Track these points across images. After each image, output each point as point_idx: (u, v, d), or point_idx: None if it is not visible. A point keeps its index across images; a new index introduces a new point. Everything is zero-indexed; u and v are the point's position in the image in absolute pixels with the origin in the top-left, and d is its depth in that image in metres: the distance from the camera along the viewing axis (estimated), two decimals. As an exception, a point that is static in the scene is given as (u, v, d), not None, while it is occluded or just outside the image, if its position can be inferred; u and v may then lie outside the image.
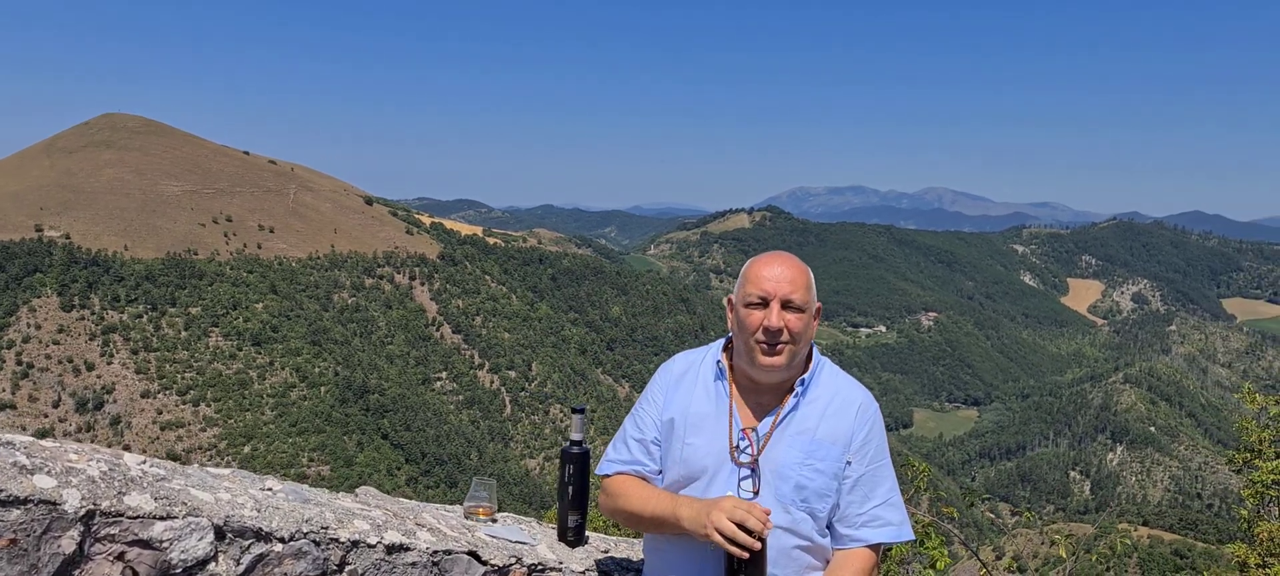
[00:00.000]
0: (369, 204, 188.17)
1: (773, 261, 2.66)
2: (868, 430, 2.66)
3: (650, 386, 2.88)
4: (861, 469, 2.62)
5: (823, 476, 2.58)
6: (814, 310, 2.68)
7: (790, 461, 2.58)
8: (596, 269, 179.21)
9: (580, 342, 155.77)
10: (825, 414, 2.64)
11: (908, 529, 2.68)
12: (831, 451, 2.60)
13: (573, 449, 3.11)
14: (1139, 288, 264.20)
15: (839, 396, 2.68)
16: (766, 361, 2.58)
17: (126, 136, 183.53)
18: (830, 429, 2.62)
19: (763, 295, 2.60)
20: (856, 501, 2.62)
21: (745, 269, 2.73)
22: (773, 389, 2.66)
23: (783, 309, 2.58)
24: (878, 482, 2.64)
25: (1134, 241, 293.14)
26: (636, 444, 2.79)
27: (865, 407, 2.69)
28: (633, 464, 2.79)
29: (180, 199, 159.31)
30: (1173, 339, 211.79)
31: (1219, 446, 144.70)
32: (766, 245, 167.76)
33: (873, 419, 2.69)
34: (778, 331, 2.56)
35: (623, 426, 2.89)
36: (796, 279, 2.62)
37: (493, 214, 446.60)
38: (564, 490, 3.16)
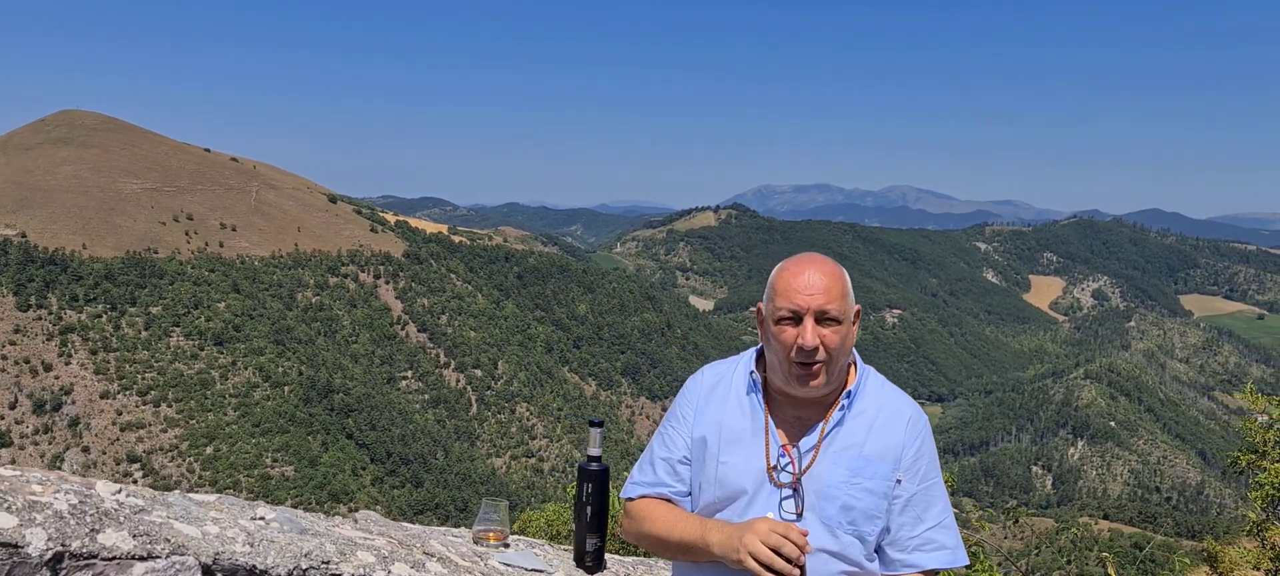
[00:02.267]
0: (333, 202, 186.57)
1: (803, 268, 2.37)
2: (919, 445, 2.42)
3: (678, 401, 2.60)
4: (913, 487, 2.39)
5: (871, 496, 2.34)
6: (852, 316, 2.40)
7: (836, 480, 2.34)
8: (563, 267, 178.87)
9: (546, 341, 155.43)
10: (873, 428, 2.40)
11: (963, 553, 2.44)
12: (880, 469, 2.36)
13: (591, 465, 2.83)
14: (1099, 284, 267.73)
15: (886, 409, 2.44)
16: (804, 389, 2.34)
17: (84, 133, 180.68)
18: (878, 444, 2.38)
19: (794, 309, 2.32)
20: (908, 523, 2.39)
21: (773, 278, 2.42)
22: (814, 402, 2.42)
23: (818, 323, 2.31)
24: (931, 503, 2.41)
25: (1094, 239, 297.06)
26: (663, 464, 2.53)
27: (915, 420, 2.45)
28: (658, 485, 2.53)
29: (140, 197, 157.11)
30: (1132, 335, 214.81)
31: (1177, 441, 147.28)
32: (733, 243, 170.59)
33: (923, 433, 2.46)
34: (813, 351, 2.30)
35: (649, 445, 2.63)
36: (831, 287, 2.33)
37: (458, 212, 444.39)
38: (582, 511, 2.87)
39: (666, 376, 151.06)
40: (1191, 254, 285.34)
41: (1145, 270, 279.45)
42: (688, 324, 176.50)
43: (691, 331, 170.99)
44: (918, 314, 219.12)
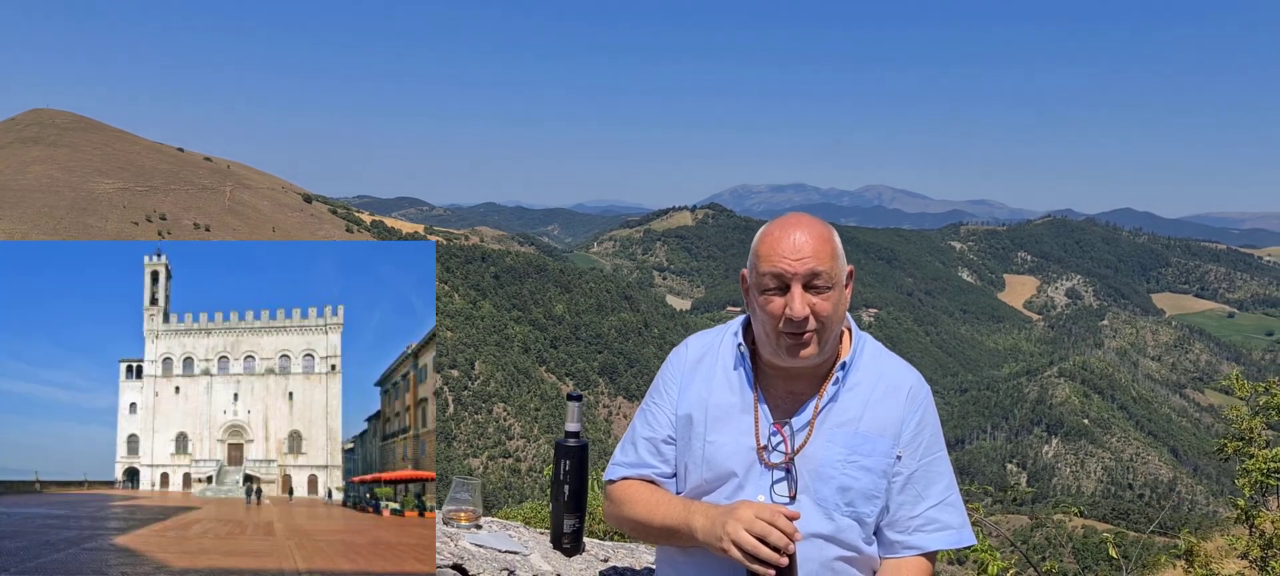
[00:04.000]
0: (308, 202, 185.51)
1: (788, 230, 2.18)
2: (919, 417, 2.24)
3: (660, 377, 2.45)
4: (913, 464, 2.22)
5: (870, 475, 2.18)
6: (845, 279, 2.23)
7: (831, 459, 2.18)
8: (540, 267, 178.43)
9: (524, 341, 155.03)
10: (870, 401, 2.23)
11: (969, 532, 2.28)
12: (879, 445, 2.20)
13: (568, 441, 2.67)
14: (1073, 283, 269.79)
15: (885, 379, 2.26)
16: (795, 360, 2.17)
17: (55, 133, 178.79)
18: (877, 419, 2.21)
19: (780, 276, 2.14)
20: (908, 502, 2.22)
21: (756, 242, 2.24)
22: (806, 375, 2.24)
23: (806, 290, 2.13)
24: (933, 480, 2.24)
25: (1068, 238, 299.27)
26: (646, 443, 2.38)
27: (916, 391, 2.27)
28: (640, 466, 2.38)
29: (112, 197, 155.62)
30: (1105, 333, 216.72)
31: (1150, 438, 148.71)
32: (710, 243, 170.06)
33: (925, 404, 2.27)
34: (803, 321, 2.12)
35: (631, 425, 2.48)
36: (820, 249, 2.14)
37: (434, 212, 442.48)
38: (559, 490, 2.70)
39: (643, 376, 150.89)
40: (1163, 253, 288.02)
41: (1118, 269, 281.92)
42: (665, 323, 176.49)
43: (668, 331, 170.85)
44: (893, 313, 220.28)
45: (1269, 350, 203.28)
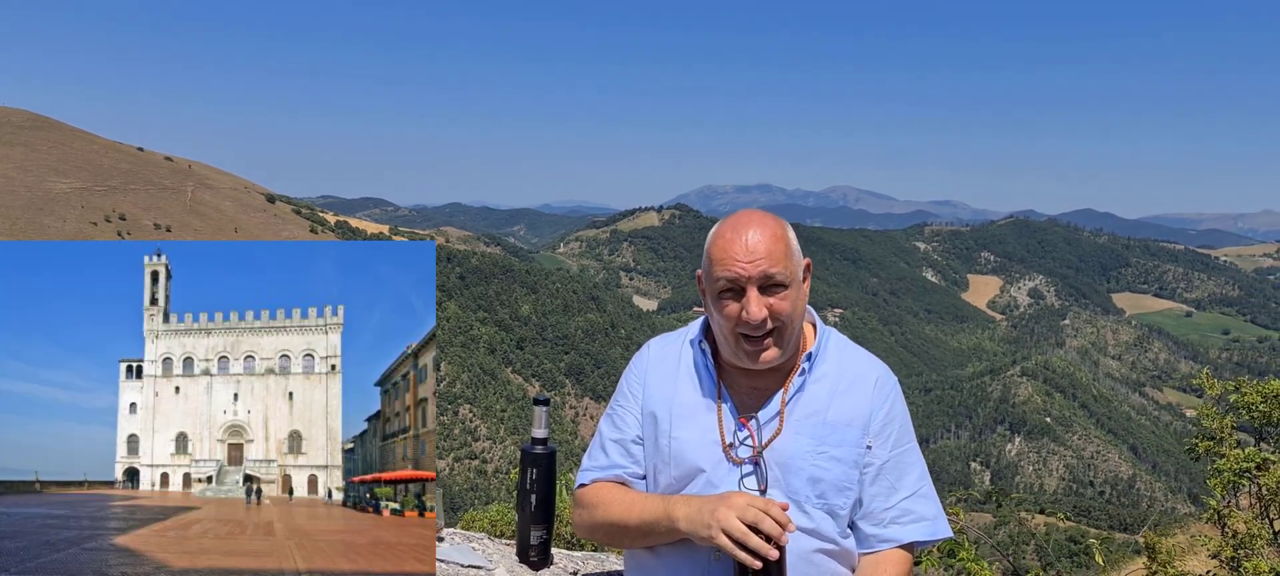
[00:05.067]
0: (271, 201, 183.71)
1: (739, 231, 2.11)
2: (888, 407, 2.21)
3: (625, 379, 2.41)
4: (884, 454, 2.18)
5: (840, 465, 2.13)
6: (801, 273, 2.18)
7: (799, 451, 2.13)
8: (506, 267, 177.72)
9: (490, 342, 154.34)
10: (836, 392, 2.19)
11: (944, 524, 2.23)
12: (847, 435, 2.15)
13: (535, 448, 2.52)
14: (1035, 283, 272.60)
15: (851, 370, 2.24)
16: (756, 364, 2.13)
17: (10, 132, 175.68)
18: (844, 409, 2.18)
19: (733, 279, 2.08)
20: (881, 493, 2.18)
21: (708, 244, 2.18)
22: (770, 371, 2.20)
23: (763, 292, 2.08)
24: (905, 470, 2.20)
25: (1030, 238, 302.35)
26: (615, 445, 2.32)
27: (883, 381, 2.25)
28: (611, 468, 2.30)
29: (69, 197, 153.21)
30: (1067, 333, 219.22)
31: (1110, 436, 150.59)
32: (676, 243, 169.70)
33: (893, 394, 2.25)
34: (760, 324, 2.08)
35: (597, 431, 2.41)
36: (774, 248, 2.09)
37: (400, 212, 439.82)
38: (525, 500, 2.53)
39: (610, 377, 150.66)
40: (1123, 253, 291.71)
41: (1079, 269, 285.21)
42: (632, 324, 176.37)
43: (635, 331, 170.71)
44: (858, 313, 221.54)
45: (1225, 349, 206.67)
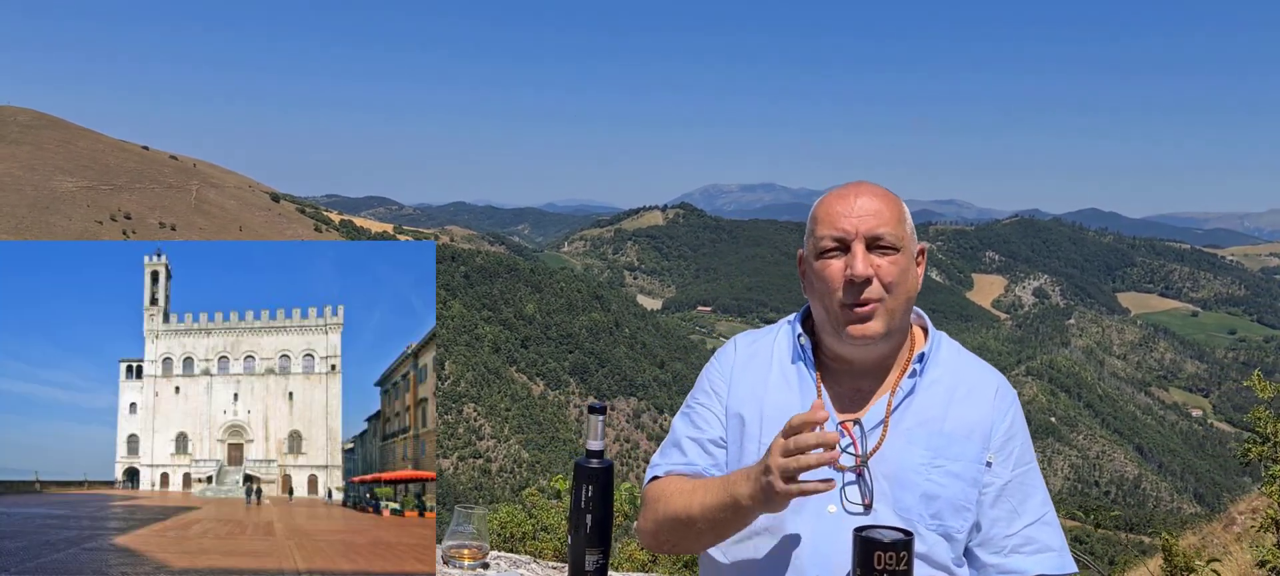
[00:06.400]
0: (276, 200, 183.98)
1: (849, 192, 1.96)
2: (1010, 420, 1.97)
3: (706, 375, 2.15)
4: (1006, 472, 1.93)
5: (958, 482, 1.88)
6: (916, 252, 2.00)
7: (912, 463, 1.88)
8: (510, 266, 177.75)
9: (494, 341, 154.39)
10: (953, 399, 1.95)
11: (1069, 557, 1.98)
12: (966, 448, 1.91)
13: (590, 462, 2.11)
14: (1040, 283, 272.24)
15: (968, 376, 2.00)
16: (858, 330, 1.90)
17: (17, 131, 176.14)
18: (962, 419, 1.93)
19: (840, 235, 1.91)
20: (1003, 518, 1.92)
21: (814, 208, 2.01)
22: (873, 368, 1.98)
23: (869, 250, 1.89)
24: (1028, 493, 1.95)
25: (1035, 238, 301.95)
26: (692, 443, 2.07)
27: (1003, 391, 1.99)
28: (687, 465, 2.06)
29: (75, 195, 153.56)
30: (1072, 332, 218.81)
31: (1116, 436, 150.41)
32: (680, 242, 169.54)
33: (1014, 406, 2.00)
34: (865, 283, 1.88)
35: (671, 430, 2.16)
36: (883, 210, 1.92)
37: (404, 211, 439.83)
38: (580, 519, 2.15)
39: (615, 375, 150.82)
40: (1128, 253, 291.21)
41: (1084, 268, 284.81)
42: (636, 323, 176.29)
43: (639, 331, 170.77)
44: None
45: (1232, 348, 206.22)
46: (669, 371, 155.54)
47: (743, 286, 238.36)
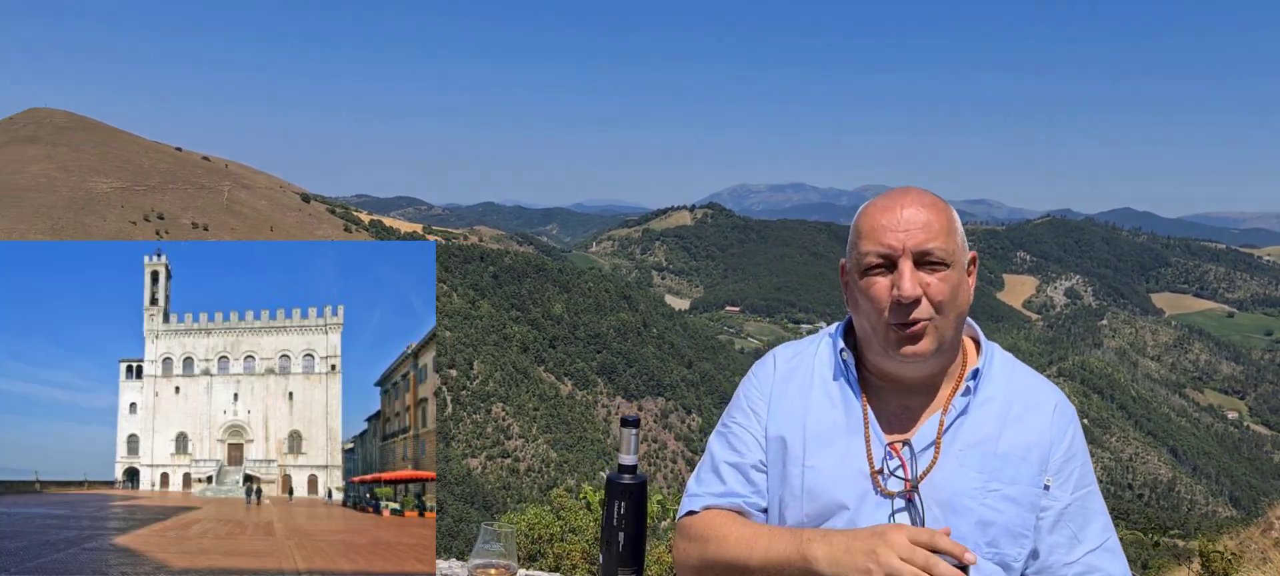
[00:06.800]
0: (306, 201, 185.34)
1: (895, 202, 1.82)
2: (1069, 441, 1.84)
3: (742, 393, 2.02)
4: (1066, 496, 1.81)
5: (1015, 507, 1.77)
6: (967, 263, 1.88)
7: (966, 487, 1.77)
8: (538, 266, 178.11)
9: (522, 340, 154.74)
10: (1008, 418, 1.83)
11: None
12: (1023, 471, 1.79)
13: (623, 477, 2.01)
14: (1072, 283, 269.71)
15: (1024, 393, 1.87)
16: (908, 350, 1.78)
17: (53, 132, 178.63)
18: (1017, 439, 1.81)
19: (885, 252, 1.78)
20: (1062, 545, 1.81)
21: (857, 219, 1.88)
22: (922, 385, 1.87)
23: (917, 267, 1.77)
24: (1089, 518, 1.83)
25: (1067, 238, 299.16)
26: (731, 470, 1.93)
27: (1062, 409, 1.88)
28: (728, 495, 1.92)
29: (110, 196, 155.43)
30: (1104, 333, 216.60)
31: (1149, 438, 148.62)
32: (709, 242, 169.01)
33: (1073, 425, 1.88)
34: (913, 303, 1.75)
35: (707, 452, 2.02)
36: (933, 222, 1.78)
37: (433, 211, 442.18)
38: (612, 537, 2.04)
39: (642, 375, 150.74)
40: (1162, 253, 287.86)
41: (1117, 269, 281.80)
42: (664, 323, 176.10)
43: (667, 331, 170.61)
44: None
45: (1268, 350, 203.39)
46: (697, 371, 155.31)
47: (771, 286, 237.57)
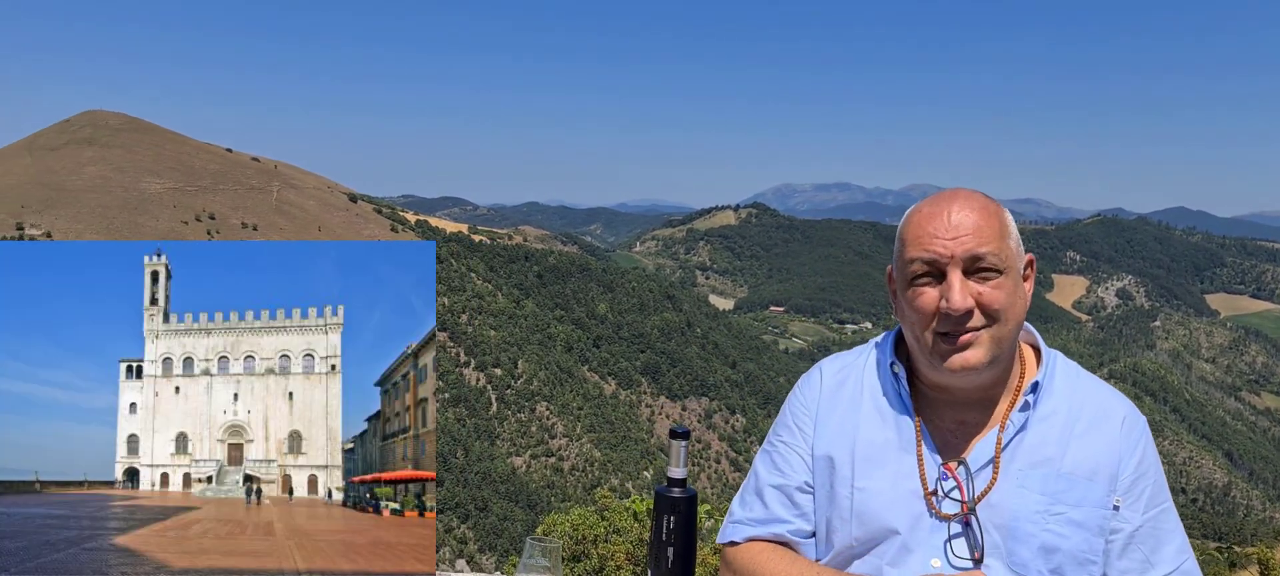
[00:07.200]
0: (354, 201, 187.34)
1: (941, 207, 1.69)
2: (1140, 456, 1.70)
3: (787, 410, 1.92)
4: (1136, 517, 1.67)
5: (1081, 531, 1.64)
6: (1022, 266, 1.72)
7: (1027, 510, 1.64)
8: (582, 266, 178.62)
9: (566, 340, 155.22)
10: (1073, 434, 1.69)
11: None
12: (1089, 492, 1.66)
13: (672, 491, 1.89)
14: (1124, 283, 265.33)
15: (1089, 405, 1.73)
16: (958, 361, 1.65)
17: (108, 134, 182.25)
18: (1083, 457, 1.67)
19: (931, 259, 1.66)
20: (1133, 570, 1.68)
21: (901, 226, 1.76)
22: (978, 399, 1.74)
23: (969, 276, 1.64)
24: (1163, 539, 1.70)
25: (1119, 237, 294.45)
26: (775, 493, 1.85)
27: (1131, 421, 1.73)
28: (770, 522, 1.84)
29: (162, 196, 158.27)
30: (1157, 334, 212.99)
31: (1203, 442, 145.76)
32: (753, 242, 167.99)
33: (1144, 439, 1.73)
34: (965, 315, 1.63)
35: (752, 471, 1.93)
36: (984, 225, 1.65)
37: (478, 211, 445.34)
38: (661, 553, 1.93)
39: (686, 375, 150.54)
40: (1218, 252, 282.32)
41: (1170, 269, 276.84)
42: (707, 323, 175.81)
43: (711, 331, 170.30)
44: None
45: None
46: (741, 372, 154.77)
47: (816, 287, 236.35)
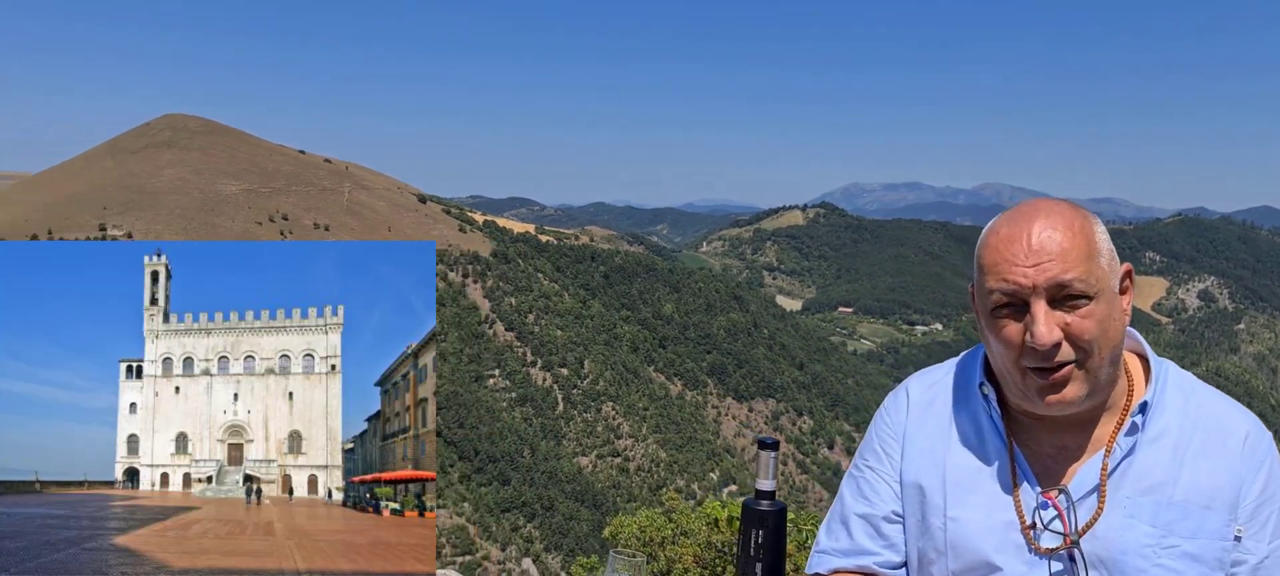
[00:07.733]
0: (422, 202, 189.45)
1: (1020, 228, 1.53)
2: (1265, 477, 1.55)
3: (873, 433, 1.83)
4: (1263, 548, 1.52)
5: (1198, 565, 1.51)
6: (1117, 280, 1.56)
7: (1136, 543, 1.51)
8: (649, 266, 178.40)
9: (633, 340, 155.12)
10: (1185, 454, 1.55)
11: None
12: (1207, 521, 1.51)
13: (761, 503, 1.83)
14: (1206, 285, 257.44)
15: (1205, 422, 1.58)
16: (1052, 400, 1.51)
17: (186, 136, 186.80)
18: (1200, 481, 1.53)
19: (1012, 290, 1.51)
20: None
21: (980, 245, 1.60)
22: (1079, 421, 1.59)
23: (1055, 306, 1.49)
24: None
25: (1200, 237, 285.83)
26: (861, 523, 1.75)
27: (1254, 438, 1.57)
28: (857, 553, 1.75)
29: (237, 198, 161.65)
30: (1241, 337, 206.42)
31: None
32: (821, 242, 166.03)
33: (1270, 459, 1.57)
34: (1052, 350, 1.48)
35: (838, 497, 1.85)
36: (1069, 247, 1.49)
37: (545, 212, 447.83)
38: (749, 567, 1.84)
39: (753, 377, 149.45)
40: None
41: (1255, 270, 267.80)
42: (775, 324, 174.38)
43: (779, 332, 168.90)
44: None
45: None
46: (808, 373, 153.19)
47: (885, 287, 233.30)
